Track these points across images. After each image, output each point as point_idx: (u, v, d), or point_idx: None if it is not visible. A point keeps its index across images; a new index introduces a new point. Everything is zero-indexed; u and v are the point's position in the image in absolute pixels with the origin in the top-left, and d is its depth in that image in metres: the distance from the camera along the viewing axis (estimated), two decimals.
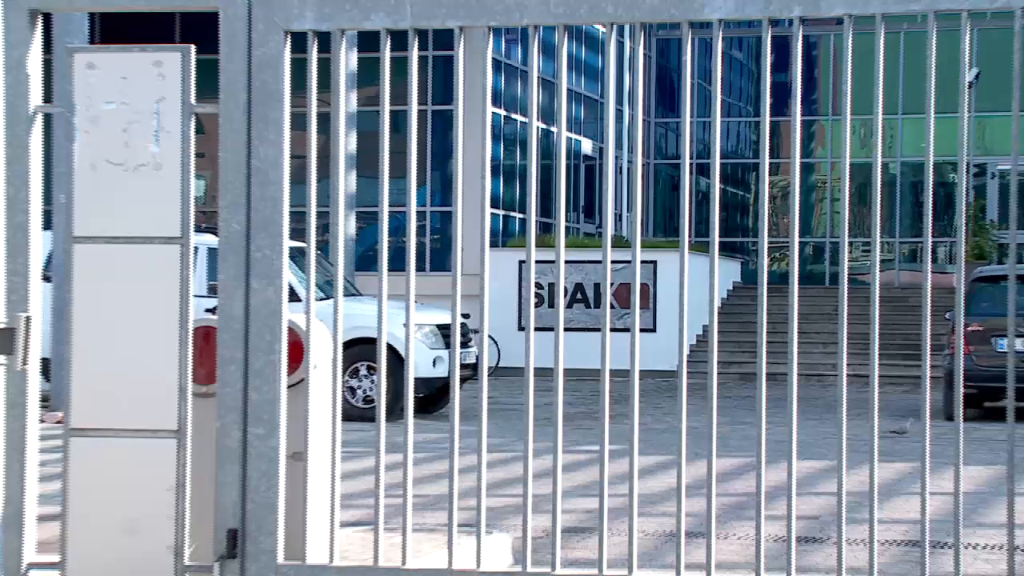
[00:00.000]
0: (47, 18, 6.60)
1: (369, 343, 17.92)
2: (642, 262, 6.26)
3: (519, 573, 6.20)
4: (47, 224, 15.95)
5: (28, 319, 5.56)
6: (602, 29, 6.42)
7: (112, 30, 23.53)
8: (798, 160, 6.22)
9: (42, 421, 6.56)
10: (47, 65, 6.68)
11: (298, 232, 7.58)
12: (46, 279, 14.54)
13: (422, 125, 30.27)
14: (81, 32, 21.29)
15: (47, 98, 6.53)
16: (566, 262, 6.52)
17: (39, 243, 6.39)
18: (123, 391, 6.24)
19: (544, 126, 32.91)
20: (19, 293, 6.16)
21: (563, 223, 6.66)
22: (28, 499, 6.34)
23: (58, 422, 6.60)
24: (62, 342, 6.40)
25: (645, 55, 42.13)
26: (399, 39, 6.34)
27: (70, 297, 6.28)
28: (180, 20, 29.54)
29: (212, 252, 15.70)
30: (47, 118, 6.55)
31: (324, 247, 23.45)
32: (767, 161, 7.22)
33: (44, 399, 14.38)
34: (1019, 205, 6.02)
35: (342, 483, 6.41)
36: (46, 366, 17.85)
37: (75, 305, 6.28)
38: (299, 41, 6.34)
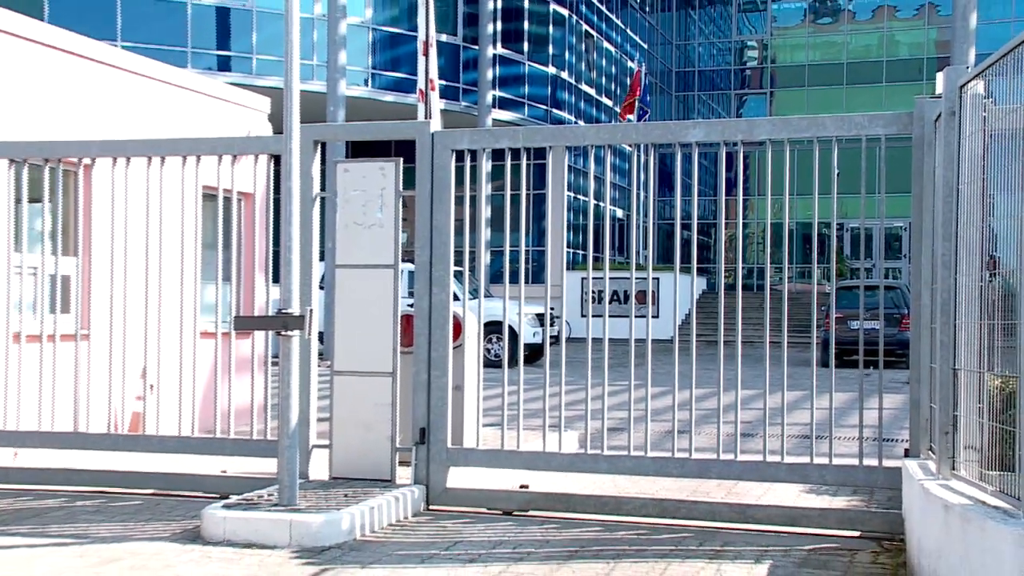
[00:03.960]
0: (323, 144, 6.64)
1: (497, 324, 18.06)
2: (652, 278, 6.16)
3: (582, 454, 6.13)
4: (322, 257, 16.14)
5: (311, 310, 5.57)
6: (629, 147, 6.34)
7: (358, 147, 23.79)
8: (740, 220, 6.09)
9: (319, 367, 6.57)
10: (323, 170, 6.70)
11: (458, 260, 7.54)
12: (321, 288, 14.74)
13: (527, 201, 30.28)
14: (341, 149, 21.57)
15: (323, 188, 6.54)
16: (609, 278, 6.45)
17: (317, 268, 6.44)
18: (363, 350, 6.24)
19: (595, 202, 32.75)
20: (306, 296, 6.18)
21: (607, 256, 6.58)
22: (311, 410, 6.37)
23: (328, 367, 6.61)
24: (331, 323, 6.44)
25: (654, 162, 41.72)
26: (515, 153, 6.30)
27: (334, 297, 6.32)
28: (395, 143, 29.75)
29: (411, 273, 15.83)
30: (323, 200, 6.58)
31: (472, 270, 23.44)
32: (723, 221, 7.13)
33: (320, 354, 14.59)
34: (864, 248, 5.85)
35: (483, 402, 6.37)
36: (321, 336, 18.04)
37: (337, 303, 6.31)
38: (459, 154, 6.33)
